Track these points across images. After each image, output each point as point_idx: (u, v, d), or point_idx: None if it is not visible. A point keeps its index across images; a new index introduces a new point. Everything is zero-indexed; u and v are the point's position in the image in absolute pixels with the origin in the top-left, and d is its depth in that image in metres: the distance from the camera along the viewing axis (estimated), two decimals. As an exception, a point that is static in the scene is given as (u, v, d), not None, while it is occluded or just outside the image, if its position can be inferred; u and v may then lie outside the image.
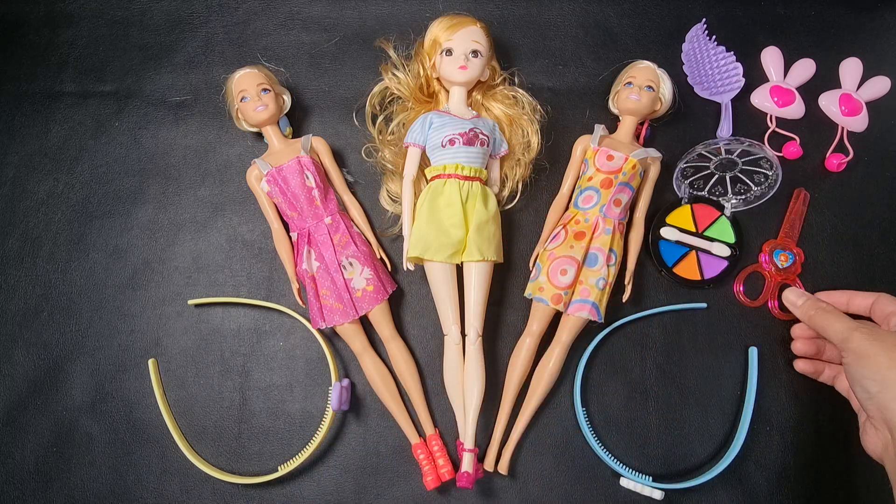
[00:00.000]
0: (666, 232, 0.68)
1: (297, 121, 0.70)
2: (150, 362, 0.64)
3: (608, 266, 0.62)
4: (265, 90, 0.64)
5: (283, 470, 0.60)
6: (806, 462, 0.63)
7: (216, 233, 0.68)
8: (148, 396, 0.63)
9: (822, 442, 0.64)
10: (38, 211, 0.69)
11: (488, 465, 0.61)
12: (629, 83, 0.66)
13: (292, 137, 0.68)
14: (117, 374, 0.64)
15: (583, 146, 0.66)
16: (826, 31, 0.76)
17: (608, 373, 0.65)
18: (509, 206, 0.68)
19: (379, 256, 0.66)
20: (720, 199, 0.69)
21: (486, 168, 0.64)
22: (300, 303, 0.65)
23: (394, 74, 0.66)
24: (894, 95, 0.74)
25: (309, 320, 0.63)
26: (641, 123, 0.68)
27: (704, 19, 0.75)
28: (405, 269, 0.62)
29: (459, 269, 0.62)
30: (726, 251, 0.67)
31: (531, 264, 0.66)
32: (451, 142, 0.61)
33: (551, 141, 0.69)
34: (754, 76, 0.74)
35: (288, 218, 0.64)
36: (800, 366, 0.64)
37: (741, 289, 0.67)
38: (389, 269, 0.67)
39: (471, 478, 0.56)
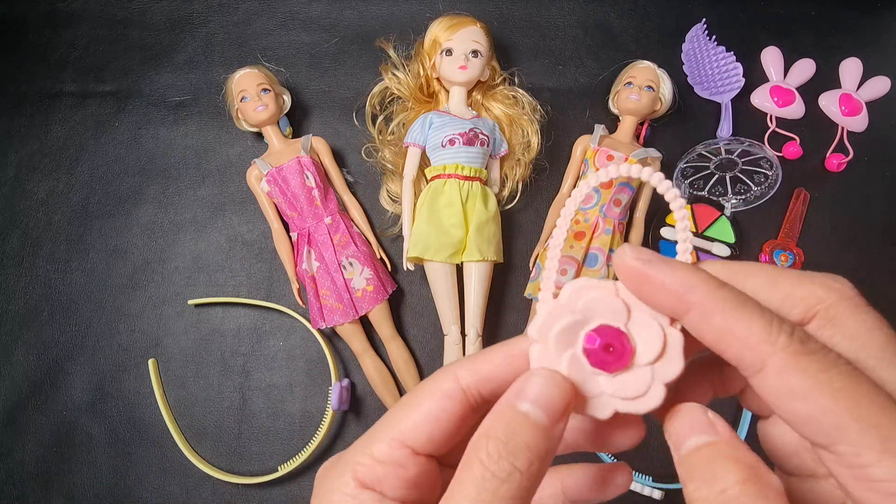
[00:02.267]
0: (666, 232, 0.68)
1: (297, 121, 0.70)
2: (150, 362, 0.64)
3: (608, 266, 0.62)
4: (265, 90, 0.64)
5: (283, 470, 0.60)
6: (806, 462, 0.63)
7: (216, 233, 0.68)
8: (148, 396, 0.63)
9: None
10: (38, 211, 0.69)
11: (488, 465, 0.61)
12: (629, 83, 0.66)
13: (292, 137, 0.68)
14: (117, 374, 0.64)
15: (583, 146, 0.66)
16: (826, 31, 0.76)
17: (608, 373, 0.65)
18: (509, 206, 0.68)
19: (379, 256, 0.66)
20: (720, 199, 0.69)
21: (486, 168, 0.64)
22: (300, 303, 0.64)
23: (394, 74, 0.66)
24: (894, 95, 0.74)
25: (309, 320, 0.63)
26: (641, 123, 0.68)
27: (704, 19, 0.75)
28: (405, 269, 0.62)
29: (459, 269, 0.62)
30: (726, 251, 0.67)
31: (531, 264, 0.66)
32: (451, 142, 0.61)
33: (551, 141, 0.69)
34: (754, 76, 0.74)
35: (288, 218, 0.64)
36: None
37: (741, 289, 0.67)
38: (389, 269, 0.67)
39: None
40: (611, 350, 0.20)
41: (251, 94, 0.64)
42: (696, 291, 0.19)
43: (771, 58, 0.74)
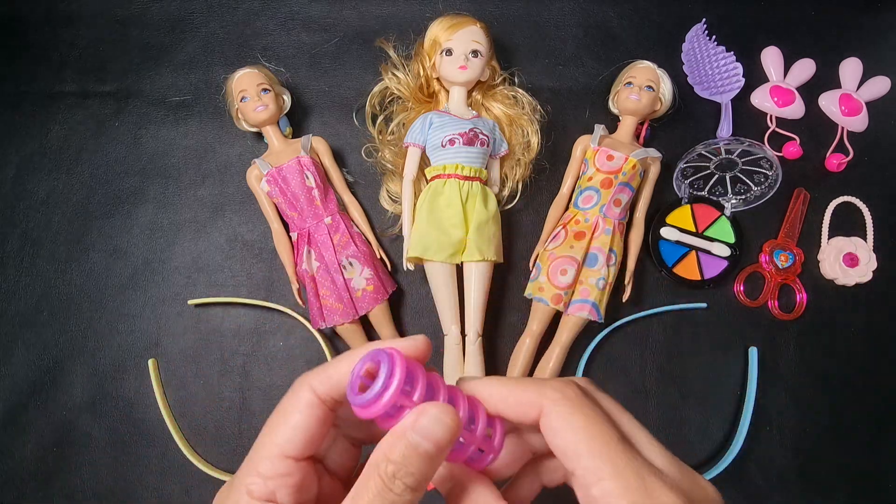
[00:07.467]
0: (666, 232, 0.68)
1: (297, 121, 0.70)
2: (150, 362, 0.64)
3: (608, 266, 0.62)
4: (265, 90, 0.64)
5: (283, 470, 0.60)
6: (806, 462, 0.63)
7: (216, 233, 0.68)
8: (148, 396, 0.63)
9: (821, 442, 0.64)
10: (38, 211, 0.69)
11: (488, 465, 0.61)
12: (629, 83, 0.66)
13: (292, 137, 0.68)
14: (117, 374, 0.64)
15: (583, 146, 0.66)
16: (826, 31, 0.76)
17: (608, 373, 0.65)
18: (509, 206, 0.68)
19: (379, 256, 0.66)
20: (720, 199, 0.69)
21: (486, 168, 0.64)
22: (300, 303, 0.64)
23: (394, 74, 0.66)
24: (894, 95, 0.74)
25: (309, 320, 0.63)
26: (641, 123, 0.68)
27: (704, 19, 0.74)
28: (405, 269, 0.62)
29: (459, 269, 0.62)
30: (726, 251, 0.67)
31: (531, 264, 0.66)
32: (451, 142, 0.61)
33: (551, 141, 0.69)
34: (754, 76, 0.74)
35: (288, 218, 0.64)
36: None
37: (741, 289, 0.67)
38: (389, 269, 0.67)
39: (471, 478, 0.56)
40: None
41: (251, 94, 0.64)
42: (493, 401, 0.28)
43: (771, 58, 0.74)
